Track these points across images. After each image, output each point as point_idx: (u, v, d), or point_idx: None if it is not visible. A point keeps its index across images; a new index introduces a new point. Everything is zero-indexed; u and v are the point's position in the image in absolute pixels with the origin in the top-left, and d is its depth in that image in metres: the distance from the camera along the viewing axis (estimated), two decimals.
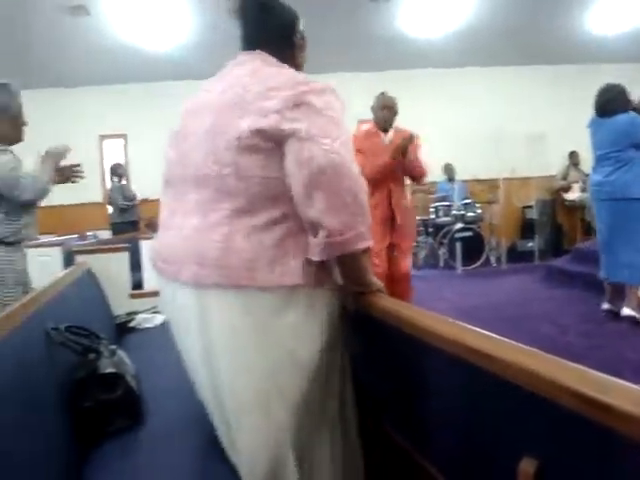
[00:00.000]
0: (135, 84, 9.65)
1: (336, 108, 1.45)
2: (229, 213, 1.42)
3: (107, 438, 1.78)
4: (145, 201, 8.01)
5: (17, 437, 1.29)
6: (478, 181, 9.93)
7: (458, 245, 8.50)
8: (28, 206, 2.53)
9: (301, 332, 1.46)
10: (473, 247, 8.66)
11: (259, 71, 1.51)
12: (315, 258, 1.41)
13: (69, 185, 3.00)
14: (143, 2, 7.16)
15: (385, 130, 4.49)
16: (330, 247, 1.39)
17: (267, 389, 1.43)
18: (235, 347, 1.42)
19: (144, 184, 8.02)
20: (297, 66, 1.68)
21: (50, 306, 2.06)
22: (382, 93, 4.51)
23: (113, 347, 1.97)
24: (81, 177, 2.91)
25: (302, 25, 1.72)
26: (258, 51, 1.61)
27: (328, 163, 1.35)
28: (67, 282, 2.61)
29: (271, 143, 1.39)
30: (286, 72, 1.53)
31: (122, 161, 9.39)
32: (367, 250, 1.46)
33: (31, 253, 3.02)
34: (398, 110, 4.50)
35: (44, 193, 2.53)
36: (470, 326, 1.19)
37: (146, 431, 1.84)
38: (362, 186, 1.42)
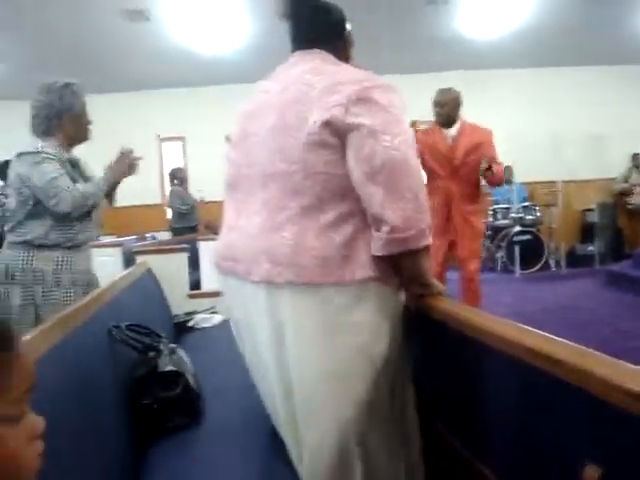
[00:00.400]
0: (193, 87, 9.79)
1: (398, 106, 1.45)
2: (298, 211, 1.43)
3: (165, 435, 1.80)
4: (203, 203, 8.09)
5: (80, 432, 1.31)
6: (537, 183, 9.71)
7: (516, 248, 8.30)
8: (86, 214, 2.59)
9: (372, 328, 1.45)
10: (532, 251, 8.44)
11: (320, 68, 1.52)
12: (377, 253, 1.41)
13: (129, 187, 3.04)
14: (200, 7, 7.26)
15: (445, 125, 4.36)
16: (391, 243, 1.38)
17: (337, 385, 1.43)
18: (307, 344, 1.42)
19: (203, 186, 8.12)
20: (348, 63, 1.69)
21: (112, 305, 2.11)
22: (438, 90, 4.41)
23: (173, 346, 2.00)
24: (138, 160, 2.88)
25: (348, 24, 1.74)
26: (317, 50, 1.61)
27: (388, 160, 1.35)
28: (128, 282, 2.67)
29: (336, 138, 1.40)
30: (349, 68, 1.55)
31: (181, 163, 9.55)
32: (427, 249, 1.45)
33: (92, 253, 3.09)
34: (456, 104, 4.34)
35: (83, 208, 2.52)
36: (530, 328, 1.16)
37: (204, 429, 1.85)
38: (422, 184, 1.43)
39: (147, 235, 7.90)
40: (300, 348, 1.43)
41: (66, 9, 6.82)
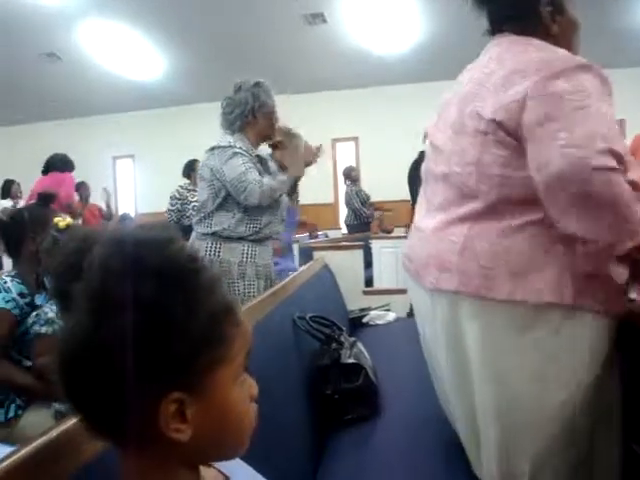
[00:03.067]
0: (366, 88, 9.91)
1: (589, 89, 1.22)
2: (471, 215, 1.33)
3: (344, 426, 1.83)
4: (375, 203, 8.16)
5: (267, 413, 1.37)
6: None
7: None
8: (268, 206, 2.69)
9: (553, 354, 1.28)
10: None
11: (505, 53, 1.37)
12: (580, 270, 1.24)
13: (305, 186, 3.14)
14: (376, 8, 7.34)
15: None
16: (592, 259, 1.21)
17: (514, 403, 1.31)
18: (476, 359, 1.34)
19: (375, 186, 8.22)
20: (554, 39, 1.43)
21: (294, 297, 2.19)
22: None
23: (353, 339, 2.03)
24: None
25: None
26: (505, 33, 1.45)
27: (565, 166, 1.16)
28: (307, 276, 2.76)
29: (512, 138, 1.26)
30: (533, 51, 1.33)
31: (353, 163, 9.71)
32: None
33: None
34: None
35: (270, 199, 2.62)
36: None
37: (383, 423, 1.86)
38: (620, 187, 1.17)
39: (319, 233, 8.11)
40: (473, 358, 1.35)
41: (250, 16, 7.22)
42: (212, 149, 2.62)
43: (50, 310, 1.92)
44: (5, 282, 2.07)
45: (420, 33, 8.07)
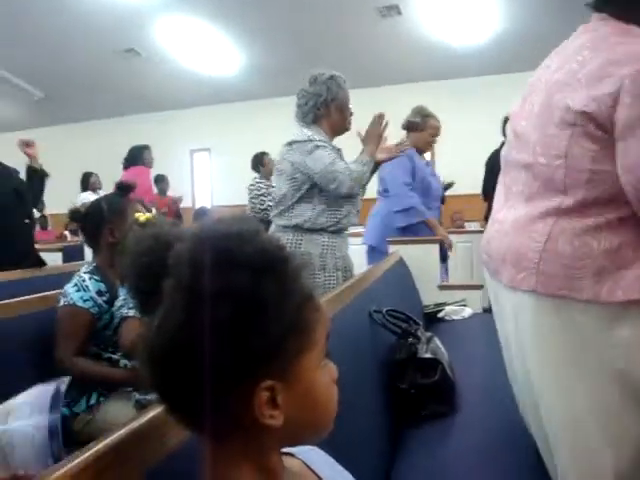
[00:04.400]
0: (442, 80, 9.74)
1: None
2: (555, 211, 1.27)
3: (421, 422, 1.81)
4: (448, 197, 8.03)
5: (346, 408, 1.36)
6: None
7: None
8: (350, 196, 2.69)
9: (636, 353, 1.22)
10: None
11: (599, 41, 1.28)
12: None
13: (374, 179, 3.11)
14: None
15: None
16: None
17: (585, 410, 1.26)
18: (550, 362, 1.29)
19: (449, 179, 8.08)
20: None
21: (370, 290, 2.19)
22: None
23: (429, 334, 2.00)
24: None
25: None
26: (604, 15, 1.34)
27: None
28: (383, 269, 2.75)
29: (602, 131, 1.19)
30: (633, 42, 1.24)
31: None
32: None
33: None
34: None
35: (358, 186, 2.63)
36: None
37: (459, 421, 1.82)
38: None
39: None
40: (544, 364, 1.30)
41: (325, 10, 7.24)
42: (290, 144, 2.64)
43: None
44: (84, 280, 2.09)
45: (498, 23, 7.87)
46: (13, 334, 1.91)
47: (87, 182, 7.11)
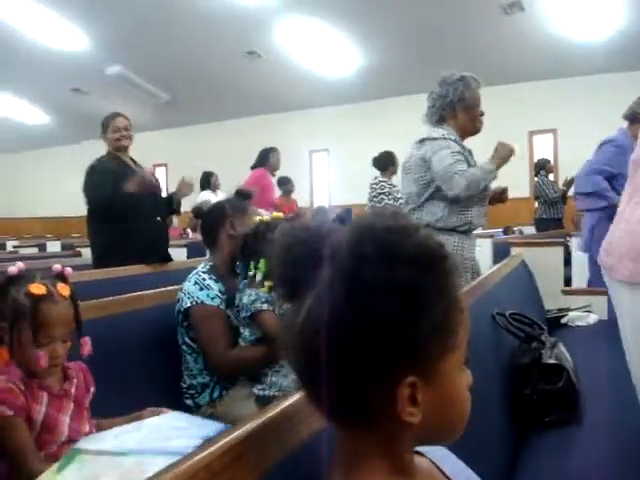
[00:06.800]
0: (566, 78, 9.36)
1: None
2: None
3: (543, 429, 1.77)
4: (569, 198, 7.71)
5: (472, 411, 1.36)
6: None
7: None
8: (481, 197, 2.66)
9: None
10: None
11: None
12: None
13: (499, 181, 3.04)
14: None
15: None
16: None
17: None
18: None
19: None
20: None
21: (490, 293, 2.16)
22: None
23: (553, 339, 1.95)
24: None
25: None
26: None
27: None
28: (505, 272, 2.70)
29: None
30: None
31: (550, 157, 9.24)
32: None
33: None
34: None
35: (476, 190, 2.57)
36: None
37: (584, 430, 1.76)
38: None
39: (514, 229, 7.85)
40: None
41: (447, 8, 7.19)
42: (422, 141, 2.65)
43: (259, 292, 2.03)
44: (204, 279, 2.11)
45: (624, 18, 7.48)
46: (143, 323, 2.08)
47: (207, 181, 7.35)
